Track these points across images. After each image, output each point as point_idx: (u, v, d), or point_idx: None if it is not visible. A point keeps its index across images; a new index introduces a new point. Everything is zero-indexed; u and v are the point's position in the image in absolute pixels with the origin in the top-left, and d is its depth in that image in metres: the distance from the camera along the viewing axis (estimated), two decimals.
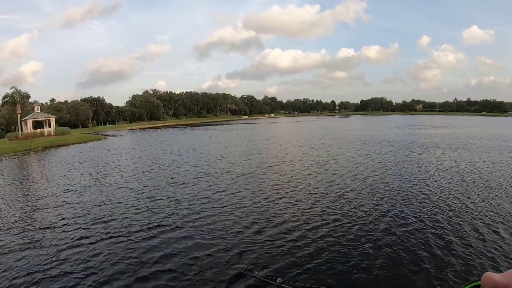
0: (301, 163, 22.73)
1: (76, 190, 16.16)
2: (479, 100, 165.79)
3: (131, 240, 9.56)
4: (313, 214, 11.49)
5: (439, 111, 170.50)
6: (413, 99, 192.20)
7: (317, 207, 12.33)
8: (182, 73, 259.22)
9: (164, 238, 9.66)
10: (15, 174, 23.13)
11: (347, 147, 31.66)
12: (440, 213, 11.32)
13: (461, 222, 10.39)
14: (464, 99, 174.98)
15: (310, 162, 23.05)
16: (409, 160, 23.52)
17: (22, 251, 9.06)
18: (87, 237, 9.84)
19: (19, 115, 50.64)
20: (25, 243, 9.64)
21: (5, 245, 9.52)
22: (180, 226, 10.64)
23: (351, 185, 15.88)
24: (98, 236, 9.94)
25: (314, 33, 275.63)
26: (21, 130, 50.78)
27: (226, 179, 17.80)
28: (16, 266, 8.12)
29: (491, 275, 0.47)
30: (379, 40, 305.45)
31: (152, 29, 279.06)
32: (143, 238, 9.65)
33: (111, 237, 9.81)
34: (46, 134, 52.70)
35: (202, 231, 10.11)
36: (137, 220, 11.25)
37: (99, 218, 11.63)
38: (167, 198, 14.18)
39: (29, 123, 53.36)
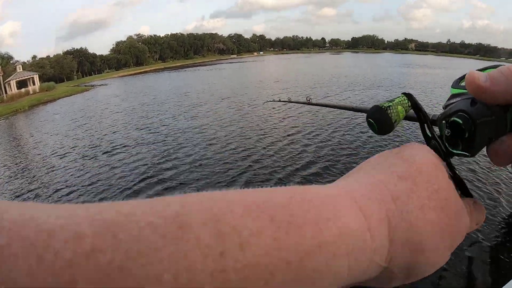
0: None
1: (63, 136, 15.27)
2: (473, 43, 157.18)
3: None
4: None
5: (432, 51, 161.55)
6: (405, 38, 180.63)
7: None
8: (165, 15, 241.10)
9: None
10: (5, 136, 21.71)
11: None
12: None
13: None
14: (458, 42, 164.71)
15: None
16: None
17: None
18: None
19: (1, 78, 51.10)
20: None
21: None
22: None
23: None
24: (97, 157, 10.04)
25: None
26: (6, 92, 51.06)
27: None
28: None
29: (474, 78, 0.33)
30: None
31: None
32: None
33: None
34: (31, 92, 52.71)
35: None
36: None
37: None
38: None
39: (13, 84, 53.03)
